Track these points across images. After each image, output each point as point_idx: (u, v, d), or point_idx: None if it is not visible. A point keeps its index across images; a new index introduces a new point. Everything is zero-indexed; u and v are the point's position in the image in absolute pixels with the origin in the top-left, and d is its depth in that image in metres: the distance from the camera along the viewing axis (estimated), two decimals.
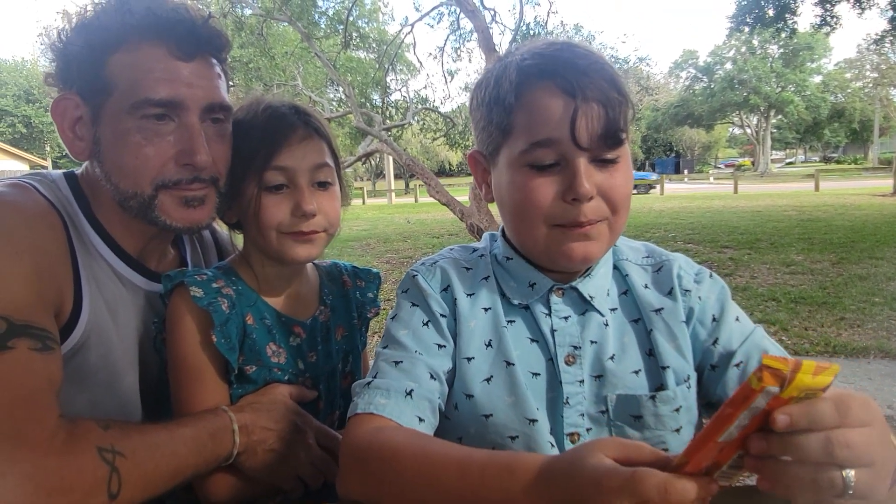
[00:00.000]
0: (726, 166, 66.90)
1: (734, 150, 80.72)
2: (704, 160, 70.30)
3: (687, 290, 1.06)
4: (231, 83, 1.22)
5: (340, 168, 1.24)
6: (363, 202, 34.22)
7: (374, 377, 0.99)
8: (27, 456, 0.83)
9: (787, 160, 75.52)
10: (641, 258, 1.13)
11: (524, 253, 1.07)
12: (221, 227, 1.36)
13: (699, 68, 54.18)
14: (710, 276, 1.09)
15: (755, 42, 44.81)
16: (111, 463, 0.89)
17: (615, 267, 1.11)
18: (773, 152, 63.46)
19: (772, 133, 56.89)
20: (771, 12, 15.97)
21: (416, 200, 32.80)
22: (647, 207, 19.57)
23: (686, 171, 58.01)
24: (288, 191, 1.13)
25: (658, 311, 1.05)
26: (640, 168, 66.16)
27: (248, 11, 15.18)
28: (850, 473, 0.59)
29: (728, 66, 51.28)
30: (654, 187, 30.13)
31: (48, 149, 47.66)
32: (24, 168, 29.09)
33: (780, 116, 52.73)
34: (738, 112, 53.79)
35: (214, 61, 1.16)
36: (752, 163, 61.71)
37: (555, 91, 0.93)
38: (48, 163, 39.64)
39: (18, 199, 1.04)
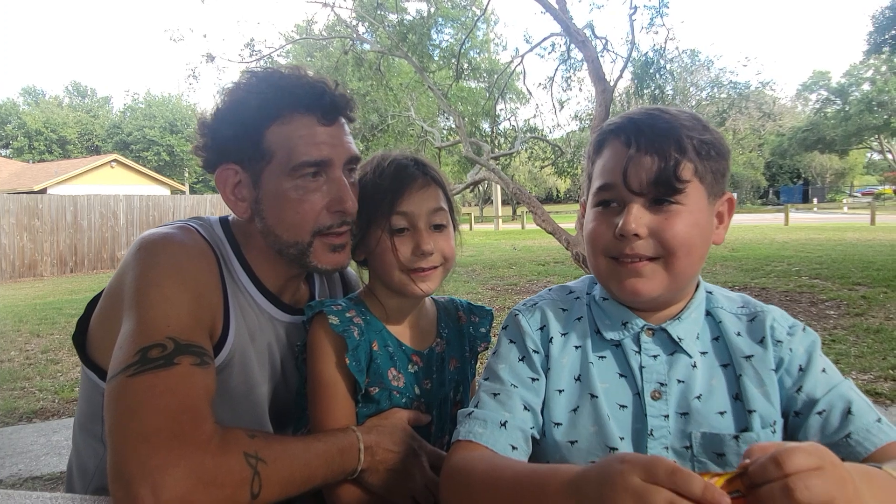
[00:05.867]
0: (863, 194, 61.30)
1: (873, 176, 73.92)
2: (837, 188, 64.96)
3: (779, 341, 1.11)
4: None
5: (453, 209, 1.40)
6: (470, 228, 34.66)
7: (475, 407, 1.12)
8: (190, 453, 0.97)
9: None
10: (736, 308, 1.18)
11: None
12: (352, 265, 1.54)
13: (831, 90, 50.40)
14: (804, 329, 1.13)
15: None
16: (254, 467, 1.04)
17: (709, 313, 1.17)
18: None
19: None
20: None
21: (522, 227, 32.82)
22: (769, 239, 18.40)
23: (815, 200, 53.88)
24: (409, 233, 1.30)
25: (748, 357, 1.10)
26: (763, 196, 62.29)
27: (366, 47, 16.11)
28: None
29: (866, 87, 47.36)
30: None
31: (187, 175, 52.44)
32: (166, 192, 32.15)
33: None
34: (877, 136, 49.41)
35: (348, 122, 1.38)
36: (895, 191, 56.28)
37: (617, 144, 1.10)
38: (186, 187, 43.45)
39: (185, 238, 1.27)
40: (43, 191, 26.96)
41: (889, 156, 54.07)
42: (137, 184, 32.35)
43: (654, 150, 1.05)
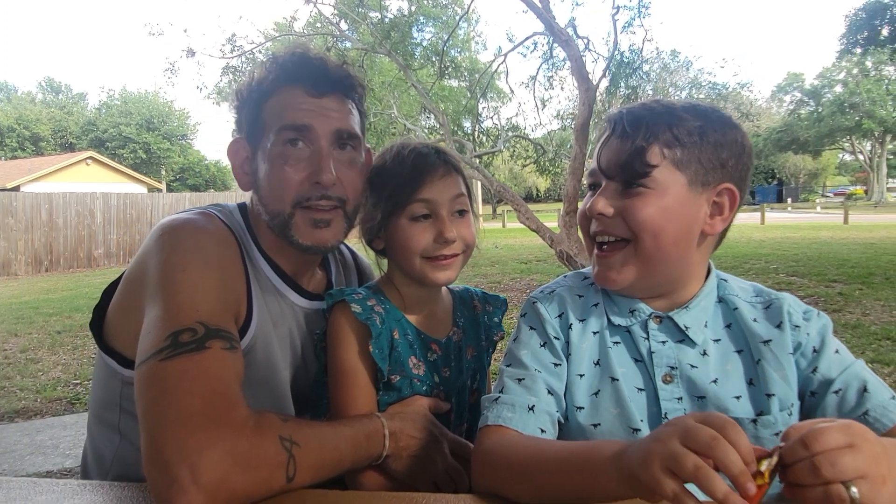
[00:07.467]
0: (836, 195, 62.58)
1: (845, 177, 75.47)
2: (811, 188, 66.25)
3: (797, 326, 1.14)
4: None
5: (472, 195, 1.40)
6: None
7: (501, 392, 1.14)
8: (227, 436, 0.96)
9: None
10: (751, 297, 1.21)
11: None
12: (367, 254, 1.55)
13: (805, 91, 51.41)
14: (818, 314, 1.17)
15: (868, 64, 41.96)
16: (289, 450, 1.04)
17: (722, 300, 1.20)
18: (889, 180, 58.75)
19: (888, 159, 52.88)
20: (885, 32, 15.08)
21: (503, 225, 32.89)
22: (746, 237, 18.69)
23: (789, 200, 54.91)
24: (430, 220, 1.30)
25: (766, 342, 1.13)
26: None
27: (347, 44, 16.04)
28: (854, 488, 0.71)
29: (838, 88, 48.36)
30: None
31: (163, 172, 51.66)
32: (143, 190, 31.63)
33: None
34: (849, 137, 50.49)
35: (346, 98, 1.38)
36: (866, 191, 57.54)
37: (605, 132, 1.17)
38: (163, 185, 42.80)
39: (207, 224, 1.27)
40: (16, 188, 26.40)
41: (860, 156, 55.29)
42: (113, 181, 31.81)
43: (625, 136, 1.11)
